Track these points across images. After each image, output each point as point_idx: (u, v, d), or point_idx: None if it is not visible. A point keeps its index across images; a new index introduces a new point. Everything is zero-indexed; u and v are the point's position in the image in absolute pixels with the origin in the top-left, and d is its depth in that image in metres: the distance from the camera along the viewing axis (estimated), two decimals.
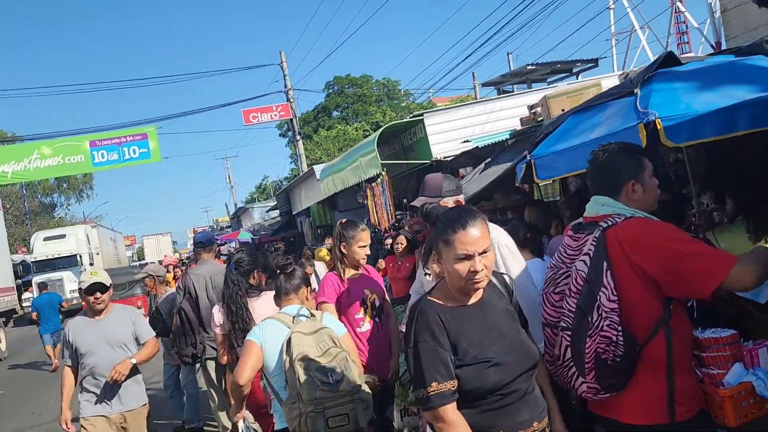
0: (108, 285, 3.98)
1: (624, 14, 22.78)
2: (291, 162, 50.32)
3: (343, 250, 3.57)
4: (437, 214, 2.31)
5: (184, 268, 17.20)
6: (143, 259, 54.84)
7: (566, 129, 4.04)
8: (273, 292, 3.28)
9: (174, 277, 11.56)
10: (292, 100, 23.01)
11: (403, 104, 47.18)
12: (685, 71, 3.58)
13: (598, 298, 1.89)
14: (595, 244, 1.96)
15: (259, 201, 37.86)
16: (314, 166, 14.98)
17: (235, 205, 49.22)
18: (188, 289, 4.95)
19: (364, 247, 3.57)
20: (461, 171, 8.18)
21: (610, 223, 1.98)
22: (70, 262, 24.47)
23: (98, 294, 3.92)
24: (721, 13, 10.53)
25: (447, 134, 8.92)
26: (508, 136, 6.48)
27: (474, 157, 7.85)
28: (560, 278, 2.11)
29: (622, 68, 18.50)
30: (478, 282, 1.95)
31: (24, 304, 22.29)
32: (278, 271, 3.24)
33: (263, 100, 23.85)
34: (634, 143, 2.61)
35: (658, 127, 3.09)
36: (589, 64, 15.13)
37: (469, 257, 1.92)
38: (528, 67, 14.81)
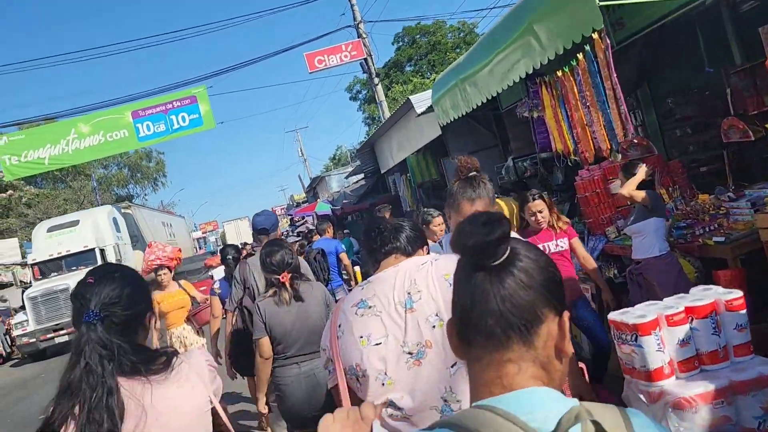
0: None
1: None
2: (366, 125, 46.20)
3: None
4: None
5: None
6: (225, 243, 54.35)
7: None
8: None
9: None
10: (364, 35, 18.49)
11: None
12: None
13: None
14: None
15: (336, 168, 33.84)
16: (411, 97, 10.44)
17: (310, 178, 45.67)
18: (248, 283, 3.98)
19: None
20: None
21: None
22: (84, 260, 17.04)
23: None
24: None
25: None
26: None
27: None
28: None
29: None
30: None
31: (22, 332, 15.56)
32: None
33: (330, 42, 19.44)
34: None
35: None
36: None
37: None
38: None
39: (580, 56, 4.45)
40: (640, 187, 4.05)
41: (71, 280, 15.67)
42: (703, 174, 6.14)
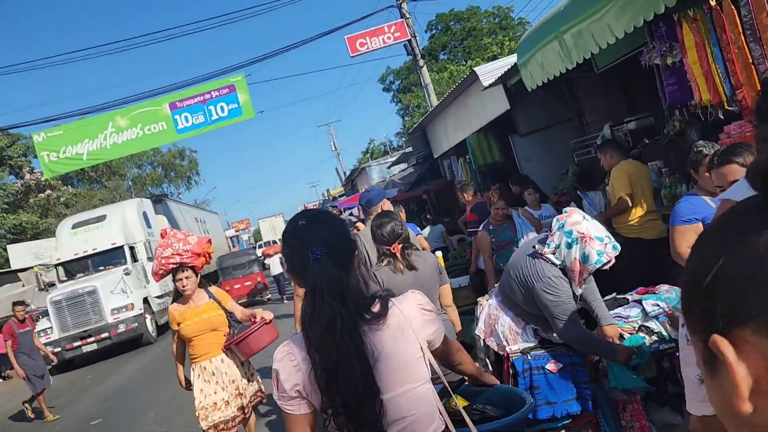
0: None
1: None
2: (400, 116, 45.42)
3: None
4: None
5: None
6: (260, 240, 54.74)
7: None
8: None
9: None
10: (407, 15, 17.62)
11: (519, 33, 41.00)
12: None
13: None
14: None
15: (374, 160, 33.10)
16: (476, 69, 9.59)
17: (345, 173, 45.13)
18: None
19: None
20: None
21: None
22: (112, 258, 15.33)
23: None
24: None
25: None
26: None
27: None
28: None
29: None
30: None
31: (46, 340, 13.10)
32: None
33: (369, 25, 18.60)
34: None
35: None
36: None
37: None
38: None
39: None
40: None
41: (99, 281, 14.19)
42: None
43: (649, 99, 8.41)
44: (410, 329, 1.58)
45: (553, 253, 2.79)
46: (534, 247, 2.89)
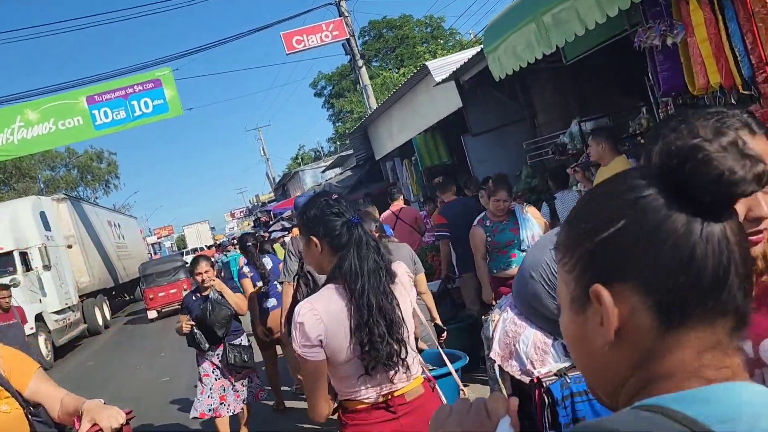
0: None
1: None
2: (332, 121, 44.70)
3: None
4: None
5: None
6: (185, 248, 53.31)
7: None
8: None
9: None
10: (346, 14, 17.02)
11: (451, 43, 41.36)
12: None
13: None
14: None
15: (308, 164, 32.20)
16: (427, 63, 9.11)
17: (274, 178, 43.98)
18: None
19: None
20: None
21: None
22: None
23: None
24: None
25: None
26: None
27: None
28: None
29: None
30: None
31: None
32: None
33: (304, 23, 17.87)
34: None
35: None
36: None
37: None
38: None
39: None
40: None
41: None
42: None
43: (602, 98, 8.17)
44: (406, 289, 2.01)
45: None
46: None
